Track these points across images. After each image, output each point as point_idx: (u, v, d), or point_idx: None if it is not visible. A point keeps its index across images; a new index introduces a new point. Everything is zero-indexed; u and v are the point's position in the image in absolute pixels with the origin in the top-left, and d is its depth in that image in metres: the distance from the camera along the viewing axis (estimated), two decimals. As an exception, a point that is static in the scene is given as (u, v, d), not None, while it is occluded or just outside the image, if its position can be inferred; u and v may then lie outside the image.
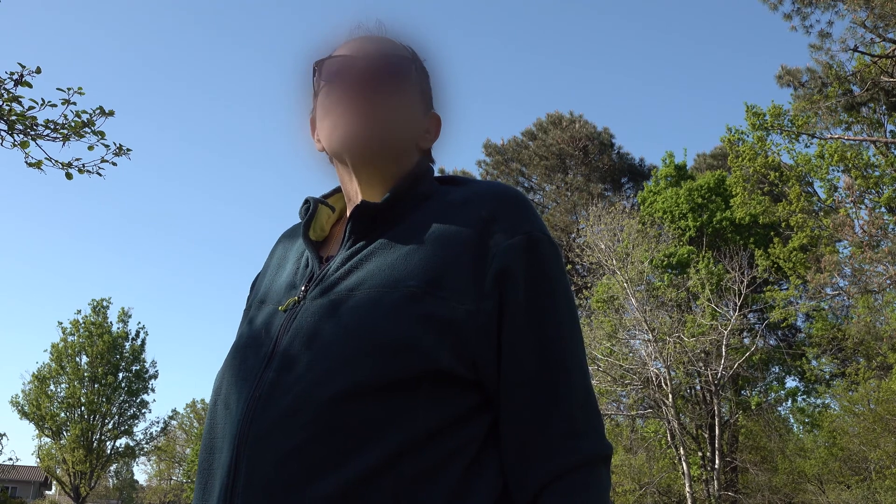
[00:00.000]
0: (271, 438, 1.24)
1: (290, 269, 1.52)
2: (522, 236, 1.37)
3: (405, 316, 1.27)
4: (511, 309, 1.33)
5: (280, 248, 1.63)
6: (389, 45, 1.54)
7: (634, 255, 22.21)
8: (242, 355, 1.39)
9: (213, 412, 1.39)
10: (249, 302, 1.58)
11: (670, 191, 27.86)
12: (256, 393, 1.29)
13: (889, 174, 21.91)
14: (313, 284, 1.40)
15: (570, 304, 1.39)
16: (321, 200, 1.56)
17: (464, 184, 1.51)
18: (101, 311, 39.71)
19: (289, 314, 1.37)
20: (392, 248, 1.37)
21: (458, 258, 1.34)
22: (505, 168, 34.54)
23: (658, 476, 23.90)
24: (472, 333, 1.31)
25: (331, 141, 1.49)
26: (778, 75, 18.61)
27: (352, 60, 1.49)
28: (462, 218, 1.39)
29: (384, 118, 1.46)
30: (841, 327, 23.65)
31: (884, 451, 20.07)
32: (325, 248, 1.52)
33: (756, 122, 23.77)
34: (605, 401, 24.82)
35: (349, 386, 1.23)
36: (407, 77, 1.52)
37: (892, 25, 16.22)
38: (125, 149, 7.71)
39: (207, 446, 1.36)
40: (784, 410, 28.06)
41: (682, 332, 21.65)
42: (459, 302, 1.30)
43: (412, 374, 1.25)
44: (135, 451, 42.11)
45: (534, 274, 1.35)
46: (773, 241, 25.10)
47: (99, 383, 38.44)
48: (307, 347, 1.29)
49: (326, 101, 1.50)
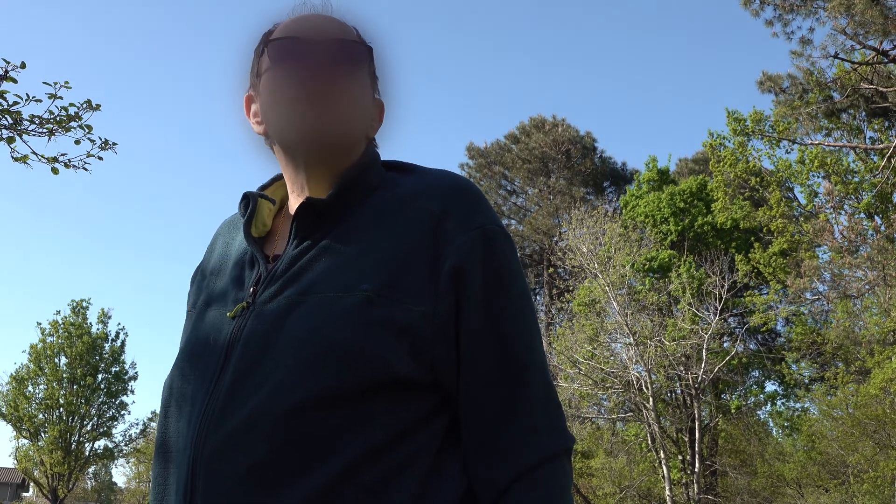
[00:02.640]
0: (227, 455, 1.20)
1: (234, 266, 1.44)
2: (476, 231, 1.32)
3: (360, 323, 1.23)
4: (468, 307, 1.29)
5: (220, 242, 1.54)
6: (339, 25, 1.44)
7: (616, 259, 22.30)
8: (192, 365, 1.33)
9: (164, 425, 1.34)
10: (192, 301, 1.49)
11: (652, 195, 27.98)
12: (210, 408, 1.24)
13: (868, 180, 22.09)
14: (262, 286, 1.33)
15: (526, 298, 1.35)
16: (261, 194, 1.48)
17: (411, 171, 1.45)
18: (81, 311, 39.36)
19: (238, 321, 1.31)
20: (342, 246, 1.32)
21: (412, 257, 1.29)
22: (488, 171, 34.58)
23: (638, 479, 23.97)
24: (430, 335, 1.27)
25: (282, 133, 1.40)
26: (759, 81, 18.68)
27: (304, 43, 1.39)
28: (413, 213, 1.33)
29: (341, 111, 1.38)
30: (820, 332, 23.80)
31: (862, 455, 20.19)
32: (270, 245, 1.44)
33: (737, 128, 23.93)
34: (586, 404, 24.87)
35: (305, 398, 1.19)
36: (362, 62, 1.43)
37: (872, 33, 16.34)
38: (111, 143, 7.65)
39: (161, 461, 1.32)
40: (763, 414, 28.25)
41: (662, 336, 21.74)
42: (415, 304, 1.26)
43: (370, 383, 1.22)
44: (114, 453, 41.77)
45: (489, 270, 1.31)
46: (753, 245, 25.25)
47: (78, 384, 38.11)
48: (260, 358, 1.24)
49: (276, 85, 1.39)
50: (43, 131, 7.28)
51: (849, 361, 23.12)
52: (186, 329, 1.45)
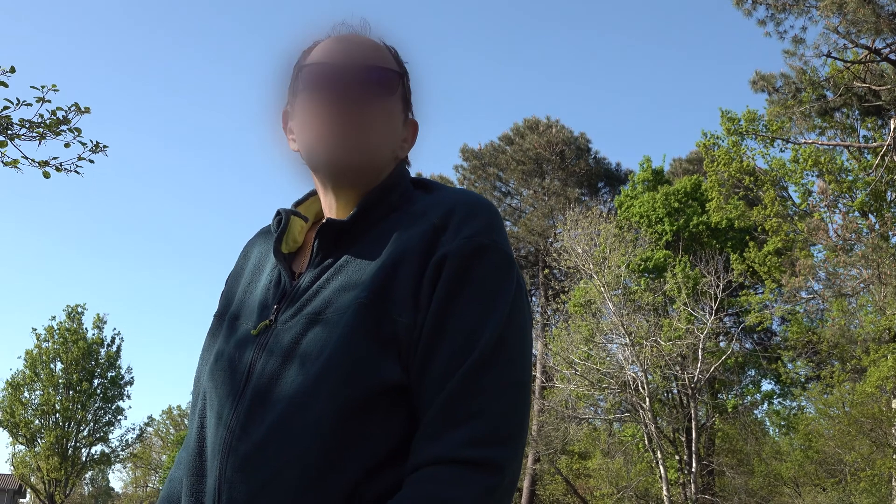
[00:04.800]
0: (247, 470, 1.28)
1: (264, 281, 1.49)
2: (461, 241, 1.33)
3: (359, 338, 1.29)
4: (432, 308, 1.31)
5: (256, 251, 1.60)
6: (374, 50, 1.48)
7: (611, 260, 22.30)
8: (219, 380, 1.40)
9: (199, 434, 1.41)
10: (222, 307, 1.55)
11: (647, 195, 28.00)
12: (233, 424, 1.32)
13: (862, 178, 22.12)
14: (285, 304, 1.40)
15: (496, 311, 1.32)
16: (293, 212, 1.53)
17: (434, 190, 1.49)
18: (76, 317, 39.28)
19: (260, 339, 1.38)
20: (356, 265, 1.38)
21: (405, 266, 1.33)
22: (482, 173, 34.58)
23: (635, 480, 23.99)
24: (411, 346, 1.31)
25: (311, 156, 1.46)
26: (752, 80, 18.72)
27: (336, 70, 1.43)
28: (418, 227, 1.37)
29: (368, 138, 1.43)
30: (816, 330, 23.82)
31: (858, 453, 20.22)
32: (299, 261, 1.50)
33: (731, 128, 23.94)
34: (583, 405, 24.91)
35: (313, 418, 1.26)
36: (393, 90, 1.47)
37: (864, 31, 16.37)
38: (102, 146, 7.62)
39: (196, 469, 1.39)
40: (760, 413, 28.30)
41: (658, 336, 21.75)
42: (399, 314, 1.31)
43: (372, 396, 1.28)
44: (110, 459, 41.68)
45: (460, 277, 1.32)
46: (748, 245, 25.28)
47: (74, 390, 38.03)
48: (276, 378, 1.32)
49: (307, 108, 1.45)
50: (33, 135, 7.26)
51: (844, 360, 23.14)
52: (215, 336, 1.50)
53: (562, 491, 28.20)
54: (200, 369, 1.49)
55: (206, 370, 1.46)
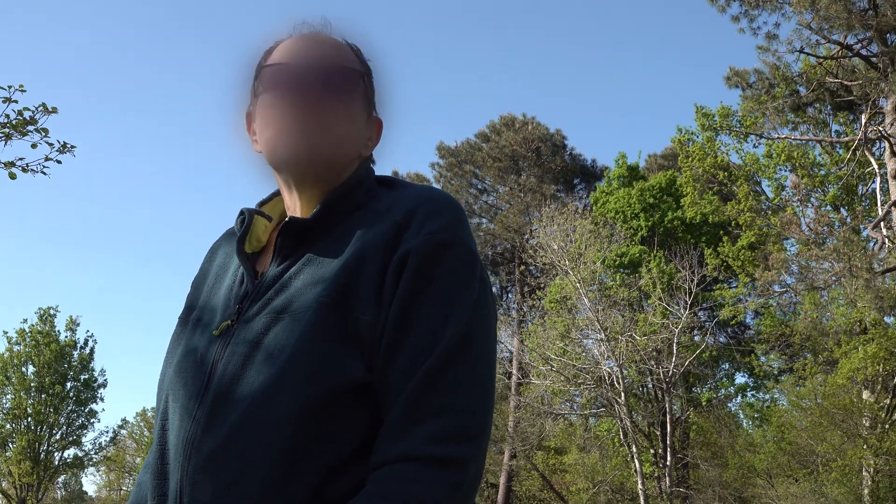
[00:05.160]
0: (209, 471, 1.28)
1: (228, 282, 1.49)
2: (424, 237, 1.33)
3: (321, 336, 1.29)
4: (394, 306, 1.30)
5: (221, 252, 1.59)
6: (335, 48, 1.47)
7: (587, 256, 22.39)
8: (182, 380, 1.40)
9: (162, 437, 1.40)
10: (187, 309, 1.54)
11: (622, 191, 28.14)
12: (195, 425, 1.32)
13: (834, 173, 22.39)
14: (246, 304, 1.39)
15: (459, 307, 1.32)
16: (257, 211, 1.52)
17: (398, 188, 1.48)
18: (49, 319, 38.87)
19: (222, 339, 1.37)
20: (318, 263, 1.37)
21: (368, 264, 1.33)
22: (458, 170, 34.61)
23: (611, 474, 24.11)
24: (374, 344, 1.31)
25: (273, 155, 1.45)
26: (726, 76, 18.86)
27: (296, 69, 1.42)
28: (382, 225, 1.36)
29: (328, 136, 1.42)
30: (788, 324, 24.04)
31: (830, 444, 20.44)
32: (264, 260, 1.49)
33: (705, 123, 24.13)
34: (559, 401, 24.99)
35: (276, 416, 1.26)
36: (353, 88, 1.46)
37: (836, 27, 16.55)
38: (69, 146, 7.56)
39: (159, 471, 1.38)
40: (734, 406, 28.52)
41: (633, 331, 21.88)
42: (362, 312, 1.30)
43: (335, 394, 1.28)
44: (84, 462, 41.29)
45: (422, 274, 1.31)
46: (722, 239, 25.48)
47: (46, 393, 37.64)
48: (238, 378, 1.31)
49: (268, 108, 1.45)
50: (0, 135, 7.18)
51: (817, 352, 23.38)
52: (179, 338, 1.50)
53: (538, 486, 28.28)
54: (164, 372, 1.48)
55: (168, 372, 1.45)
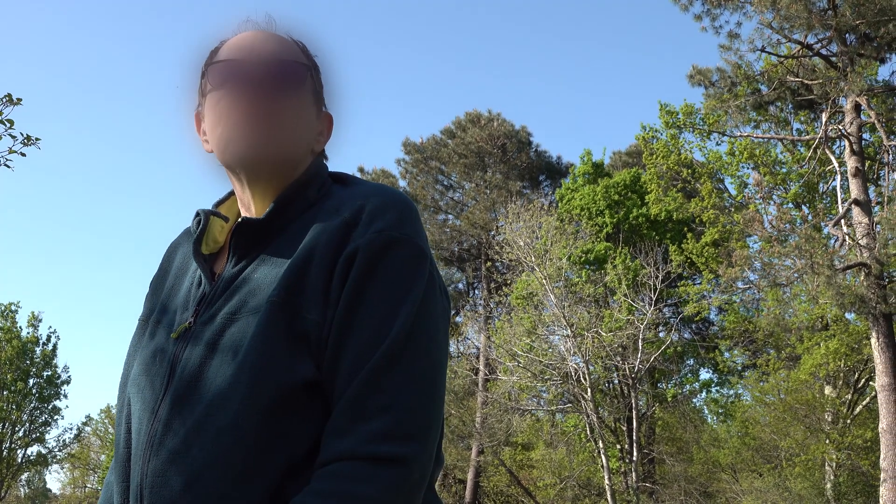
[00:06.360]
0: (168, 473, 1.28)
1: (186, 283, 1.49)
2: (372, 235, 1.32)
3: (271, 337, 1.29)
4: (341, 304, 1.30)
5: (180, 253, 1.58)
6: (280, 44, 1.46)
7: (553, 252, 22.46)
8: (143, 382, 1.40)
9: (126, 439, 1.40)
10: (147, 311, 1.54)
11: (587, 188, 28.25)
12: (155, 427, 1.32)
13: (796, 171, 22.63)
14: (203, 306, 1.40)
15: (405, 305, 1.31)
16: (212, 212, 1.51)
17: (351, 184, 1.47)
18: (10, 315, 38.39)
19: (180, 342, 1.38)
20: (272, 263, 1.37)
21: (316, 263, 1.32)
22: (424, 166, 34.54)
23: (578, 469, 24.24)
24: (322, 343, 1.30)
25: (223, 154, 1.44)
26: (689, 75, 18.96)
27: (242, 65, 1.41)
28: (331, 224, 1.35)
29: (279, 132, 1.41)
30: (752, 320, 24.32)
31: (793, 439, 20.73)
32: (219, 261, 1.49)
33: (669, 121, 24.31)
34: (526, 396, 25.08)
35: (232, 416, 1.26)
36: (301, 82, 1.45)
37: (797, 27, 16.72)
38: (34, 139, 7.46)
39: (123, 473, 1.38)
40: (698, 402, 28.79)
41: (599, 327, 22.00)
42: (309, 312, 1.30)
43: (288, 395, 1.28)
44: (47, 460, 40.92)
45: (369, 271, 1.31)
46: (686, 236, 25.68)
47: (8, 390, 37.19)
48: (196, 381, 1.32)
49: (217, 107, 1.43)
50: (-38, 128, 7.06)
51: (779, 348, 23.70)
52: (139, 341, 1.49)
53: (505, 482, 28.36)
54: (125, 373, 1.48)
55: (130, 374, 1.45)
